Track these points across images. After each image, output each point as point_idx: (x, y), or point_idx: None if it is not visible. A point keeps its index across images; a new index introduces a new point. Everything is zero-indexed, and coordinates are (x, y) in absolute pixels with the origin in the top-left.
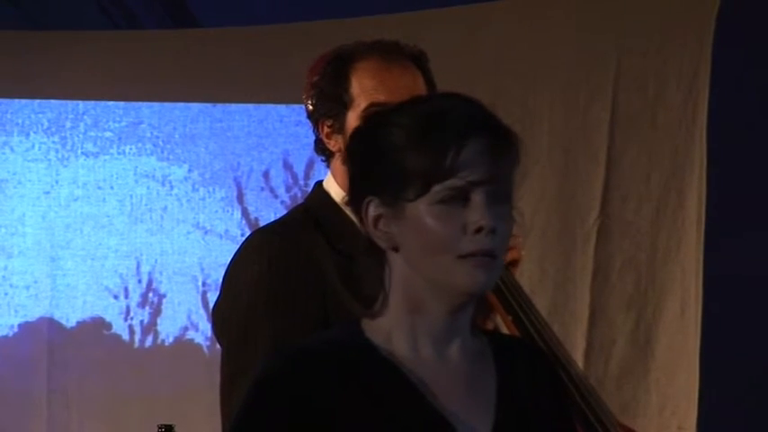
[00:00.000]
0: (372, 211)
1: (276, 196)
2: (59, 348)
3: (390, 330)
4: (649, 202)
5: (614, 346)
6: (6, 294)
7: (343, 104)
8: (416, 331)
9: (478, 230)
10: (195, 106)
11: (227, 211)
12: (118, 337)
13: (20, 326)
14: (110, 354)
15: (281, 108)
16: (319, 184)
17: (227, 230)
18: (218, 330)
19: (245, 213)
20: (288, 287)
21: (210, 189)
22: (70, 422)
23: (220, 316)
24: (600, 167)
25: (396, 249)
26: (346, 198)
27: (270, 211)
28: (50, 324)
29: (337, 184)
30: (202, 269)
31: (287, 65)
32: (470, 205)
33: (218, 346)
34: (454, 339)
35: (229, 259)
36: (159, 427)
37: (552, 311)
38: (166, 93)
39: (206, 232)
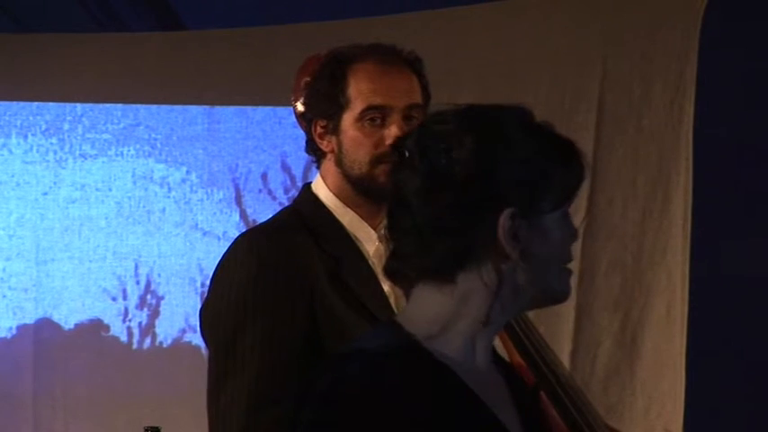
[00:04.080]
0: (509, 220)
1: (274, 198)
2: (58, 350)
3: (447, 335)
4: (635, 204)
5: (600, 347)
6: (5, 297)
7: (339, 105)
8: (476, 338)
9: (575, 239)
10: (193, 108)
11: (226, 213)
12: (116, 339)
13: (18, 328)
14: (108, 355)
15: (280, 110)
16: (308, 186)
17: (225, 232)
18: (207, 331)
19: (243, 215)
20: (276, 289)
21: (209, 191)
22: (57, 423)
23: (208, 317)
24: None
25: (527, 260)
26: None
27: (268, 213)
28: (49, 326)
29: (327, 185)
30: (201, 271)
31: (286, 67)
32: (568, 218)
33: None
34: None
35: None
36: (146, 430)
37: (538, 313)
38: (164, 95)
39: (204, 234)
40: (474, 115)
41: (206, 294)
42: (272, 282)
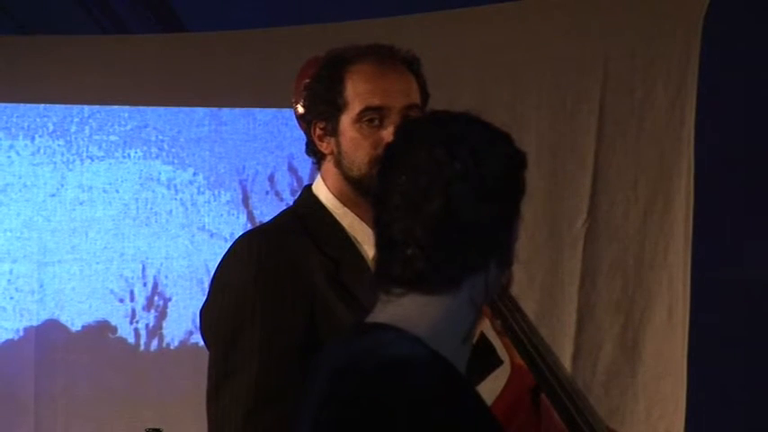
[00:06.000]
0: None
1: (281, 199)
2: (64, 352)
3: (447, 339)
4: (637, 205)
5: (602, 350)
6: (12, 298)
7: (337, 107)
8: (466, 341)
9: None
10: (200, 110)
11: (233, 215)
12: (123, 341)
13: (25, 330)
14: (115, 357)
15: (286, 112)
16: (308, 187)
17: (232, 233)
18: (206, 332)
19: (250, 217)
20: (275, 290)
21: (216, 192)
22: (58, 425)
23: (208, 318)
24: (587, 171)
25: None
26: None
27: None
28: (55, 328)
29: (327, 187)
30: (208, 272)
31: (292, 69)
32: None
33: None
34: None
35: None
36: (147, 431)
37: (540, 315)
38: (171, 97)
39: (211, 235)
40: (483, 122)
41: (206, 295)
42: (272, 283)
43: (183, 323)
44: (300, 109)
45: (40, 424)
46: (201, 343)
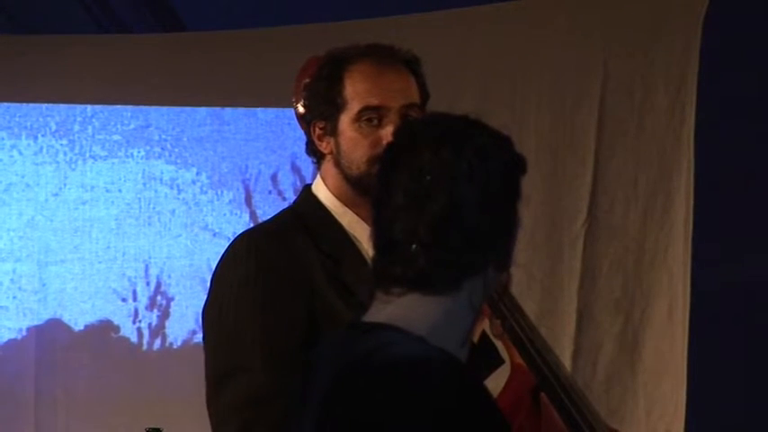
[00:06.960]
0: None
1: (284, 199)
2: (67, 352)
3: (447, 340)
4: (637, 205)
5: (602, 349)
6: (15, 298)
7: (336, 107)
8: (465, 341)
9: None
10: (203, 109)
11: (236, 214)
12: (126, 340)
13: (28, 329)
14: (118, 356)
15: (288, 111)
16: (308, 187)
17: (234, 233)
18: (206, 331)
19: (253, 216)
20: (274, 288)
21: (219, 192)
22: (59, 424)
23: (208, 317)
24: (587, 171)
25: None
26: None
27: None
28: (58, 327)
29: (326, 186)
30: (210, 272)
31: (294, 69)
32: None
33: None
34: None
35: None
36: (147, 431)
37: (540, 315)
38: (173, 96)
39: (214, 235)
40: (484, 124)
41: (207, 294)
42: (271, 281)
43: (185, 323)
44: (300, 109)
45: (40, 423)
46: None
